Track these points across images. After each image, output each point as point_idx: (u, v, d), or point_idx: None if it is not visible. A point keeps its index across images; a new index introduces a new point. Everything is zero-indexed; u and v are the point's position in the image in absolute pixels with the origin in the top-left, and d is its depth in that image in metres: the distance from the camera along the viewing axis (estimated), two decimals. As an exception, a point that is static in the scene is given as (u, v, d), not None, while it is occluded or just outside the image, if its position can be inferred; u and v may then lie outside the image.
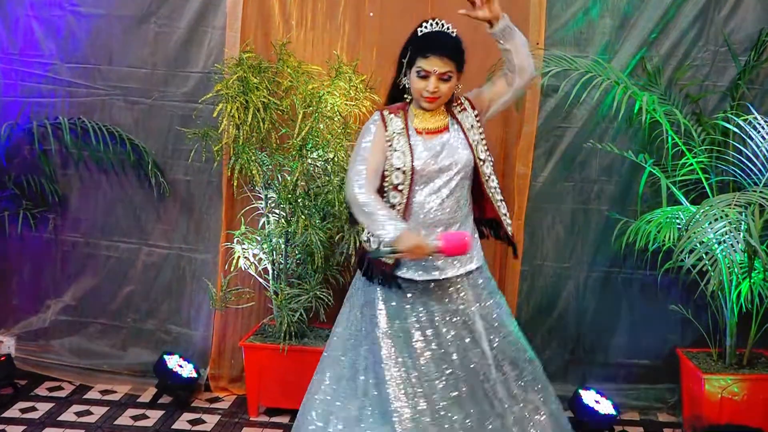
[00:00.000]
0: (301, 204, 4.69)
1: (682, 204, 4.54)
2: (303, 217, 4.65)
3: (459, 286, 3.50)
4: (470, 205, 3.55)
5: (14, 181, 5.12)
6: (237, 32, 4.94)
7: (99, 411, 4.86)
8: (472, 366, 3.46)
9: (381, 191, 3.41)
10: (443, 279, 3.46)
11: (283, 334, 4.75)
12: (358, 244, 3.51)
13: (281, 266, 4.84)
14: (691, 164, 4.54)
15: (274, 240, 4.79)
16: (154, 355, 5.15)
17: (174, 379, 4.94)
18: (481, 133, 3.50)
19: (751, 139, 4.44)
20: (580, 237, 4.99)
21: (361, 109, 4.74)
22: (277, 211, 4.79)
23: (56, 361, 5.26)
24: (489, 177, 3.52)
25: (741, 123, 4.45)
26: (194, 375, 5.00)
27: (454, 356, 3.45)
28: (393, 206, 3.38)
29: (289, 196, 4.68)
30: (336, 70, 4.71)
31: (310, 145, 4.67)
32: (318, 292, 4.73)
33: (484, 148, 3.51)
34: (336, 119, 4.66)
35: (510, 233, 3.63)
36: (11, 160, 5.14)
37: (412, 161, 3.36)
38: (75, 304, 5.28)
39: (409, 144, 3.39)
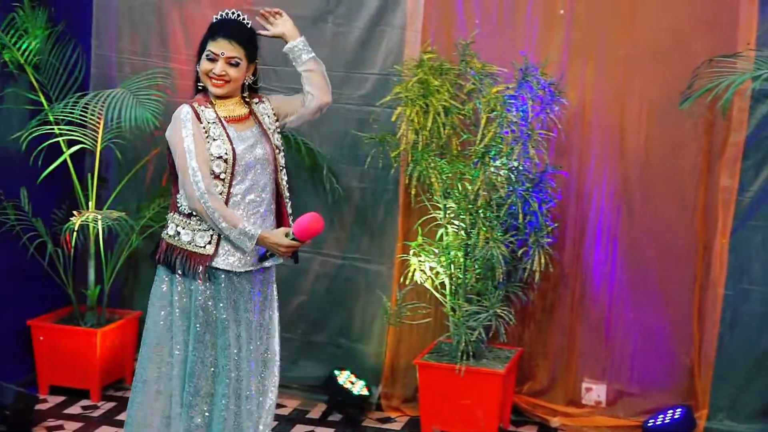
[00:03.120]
0: (482, 215, 4.77)
1: None
2: (484, 229, 4.73)
3: (272, 274, 3.93)
4: (273, 198, 3.87)
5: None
6: (418, 32, 5.09)
7: (267, 425, 5.10)
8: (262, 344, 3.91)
9: None
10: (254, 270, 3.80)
11: (459, 354, 4.84)
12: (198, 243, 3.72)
13: (459, 281, 4.94)
14: None
15: (452, 253, 4.89)
16: (324, 370, 5.36)
17: (345, 396, 5.12)
18: (276, 126, 3.84)
19: None
20: (795, 259, 4.85)
21: (549, 113, 4.77)
22: (456, 222, 4.88)
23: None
24: (282, 169, 3.85)
25: None
26: (366, 392, 5.17)
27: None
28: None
29: (470, 206, 4.76)
30: (523, 71, 4.77)
31: (493, 153, 4.75)
32: (498, 310, 4.79)
33: (279, 137, 3.85)
34: (522, 125, 4.71)
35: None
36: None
37: (233, 149, 3.63)
38: (245, 314, 5.53)
39: (226, 132, 3.66)
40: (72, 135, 5.27)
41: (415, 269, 4.99)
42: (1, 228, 5.24)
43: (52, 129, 5.27)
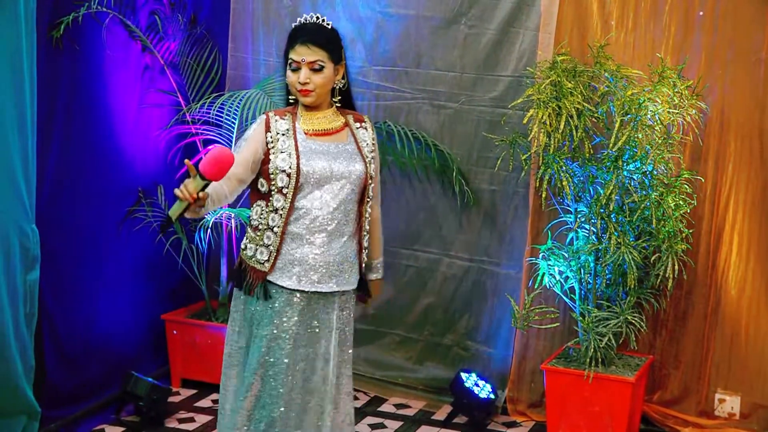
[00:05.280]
0: (614, 220, 4.75)
1: None
2: (616, 234, 4.70)
3: (336, 303, 3.64)
4: (355, 223, 3.65)
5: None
6: (551, 33, 5.09)
7: (393, 425, 5.18)
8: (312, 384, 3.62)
9: (268, 196, 3.52)
10: (325, 293, 3.59)
11: (588, 360, 4.82)
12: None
13: (589, 286, 4.92)
14: None
15: (582, 257, 4.88)
16: (450, 372, 5.40)
17: (470, 399, 5.15)
18: (372, 157, 3.67)
19: None
20: None
21: (686, 117, 4.71)
22: (587, 226, 4.87)
23: (352, 370, 5.57)
24: (369, 201, 3.66)
25: None
26: (492, 396, 5.18)
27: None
28: (276, 210, 3.51)
29: (602, 210, 4.74)
30: (659, 74, 4.73)
31: (626, 156, 4.72)
32: (629, 317, 4.76)
33: (374, 169, 3.67)
34: (657, 128, 4.67)
35: (362, 271, 3.72)
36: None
37: (298, 163, 3.49)
38: (374, 313, 5.60)
39: (296, 145, 3.52)
40: (208, 134, 5.45)
41: (544, 273, 4.99)
42: (138, 225, 5.43)
43: (189, 128, 5.45)
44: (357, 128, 3.68)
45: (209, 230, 5.34)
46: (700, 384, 5.09)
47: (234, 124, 5.37)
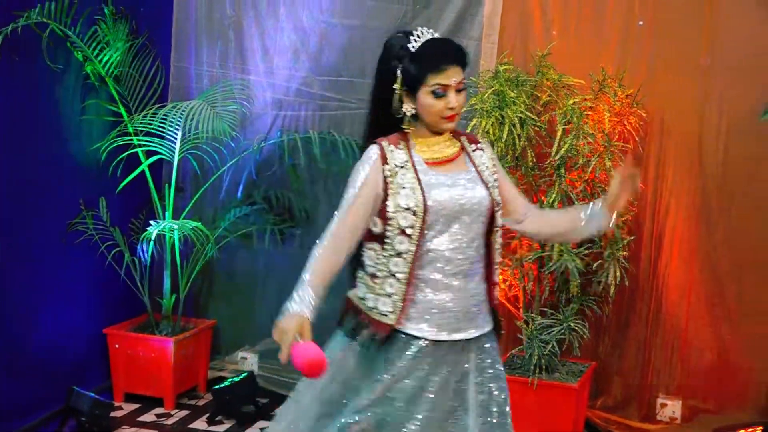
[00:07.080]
0: (557, 227, 4.78)
1: None
2: (559, 242, 4.75)
3: (469, 348, 3.20)
4: (486, 258, 3.19)
5: (263, 196, 5.56)
6: (494, 43, 5.16)
7: (339, 436, 5.16)
8: None
9: (383, 238, 3.06)
10: (457, 340, 3.14)
11: (532, 367, 4.86)
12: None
13: (533, 294, 4.96)
14: None
15: (526, 265, 4.92)
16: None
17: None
18: (495, 180, 3.20)
19: None
20: None
21: (626, 126, 4.78)
22: (530, 234, 4.90)
23: (298, 381, 5.56)
24: (498, 230, 3.18)
25: None
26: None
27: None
28: (399, 254, 3.04)
29: (545, 218, 4.78)
30: (600, 83, 4.80)
31: (569, 164, 4.77)
32: (572, 324, 4.81)
33: (498, 194, 3.20)
34: (598, 136, 4.73)
35: (496, 304, 3.26)
36: (260, 174, 5.59)
37: (425, 199, 3.03)
38: (318, 323, 5.58)
39: (418, 178, 3.06)
40: (150, 146, 5.42)
41: (488, 281, 5.01)
42: (80, 237, 5.37)
43: (131, 140, 5.41)
44: (473, 151, 3.21)
45: (152, 242, 5.30)
46: (642, 389, 5.15)
47: (177, 135, 5.35)
